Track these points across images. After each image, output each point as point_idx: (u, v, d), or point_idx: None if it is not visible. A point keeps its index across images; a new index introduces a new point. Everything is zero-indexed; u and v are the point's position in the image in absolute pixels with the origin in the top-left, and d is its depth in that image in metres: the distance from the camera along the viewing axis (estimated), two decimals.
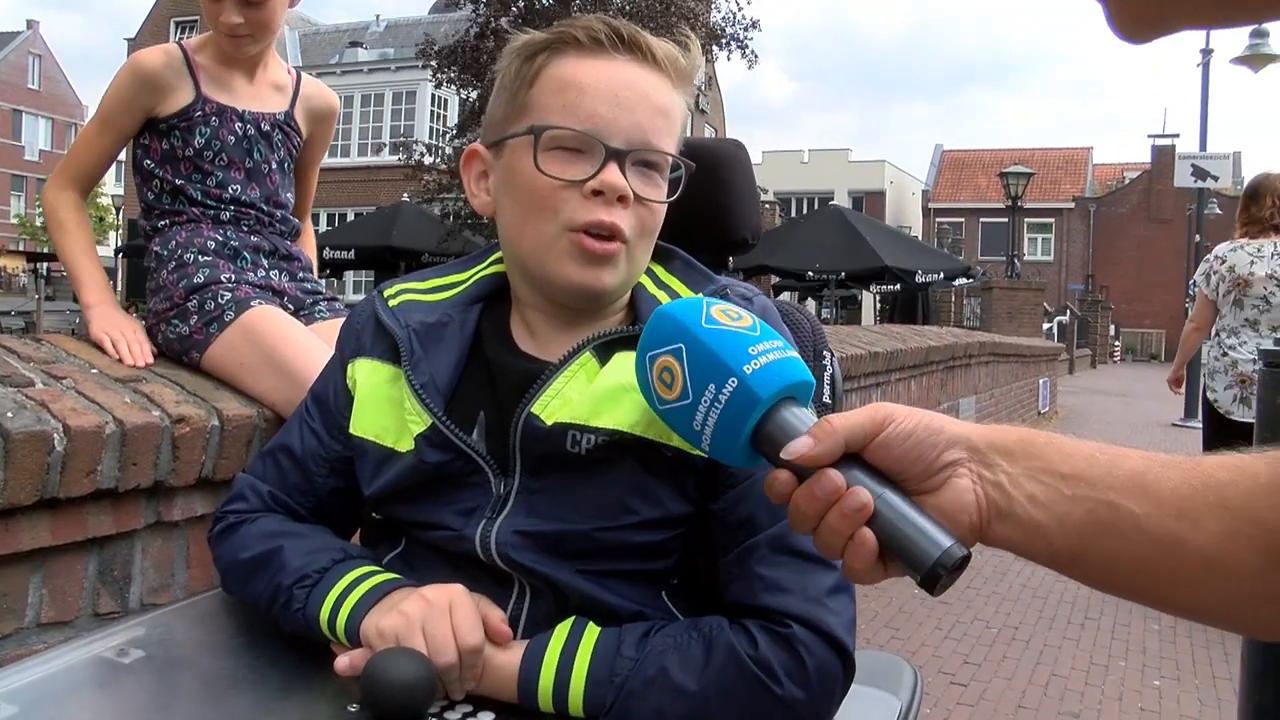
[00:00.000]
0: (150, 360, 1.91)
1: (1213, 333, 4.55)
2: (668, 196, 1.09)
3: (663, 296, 1.10)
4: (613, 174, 1.02)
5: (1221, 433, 4.43)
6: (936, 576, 0.70)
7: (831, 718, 0.96)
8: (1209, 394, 4.57)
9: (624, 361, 1.02)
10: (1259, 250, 4.37)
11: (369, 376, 1.13)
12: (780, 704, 0.92)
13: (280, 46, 2.15)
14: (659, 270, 1.14)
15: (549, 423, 1.01)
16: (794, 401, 0.79)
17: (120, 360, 1.88)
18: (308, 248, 2.30)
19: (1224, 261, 4.50)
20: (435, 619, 0.94)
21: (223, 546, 1.15)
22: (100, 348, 1.90)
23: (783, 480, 0.75)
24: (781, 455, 0.74)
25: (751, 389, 0.77)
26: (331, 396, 1.17)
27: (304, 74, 2.20)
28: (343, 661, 0.96)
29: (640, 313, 1.08)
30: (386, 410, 1.10)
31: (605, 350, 1.05)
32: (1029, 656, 4.05)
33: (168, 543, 1.77)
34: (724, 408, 0.78)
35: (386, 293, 1.16)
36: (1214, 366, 4.53)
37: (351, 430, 1.13)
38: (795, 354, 0.82)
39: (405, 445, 1.07)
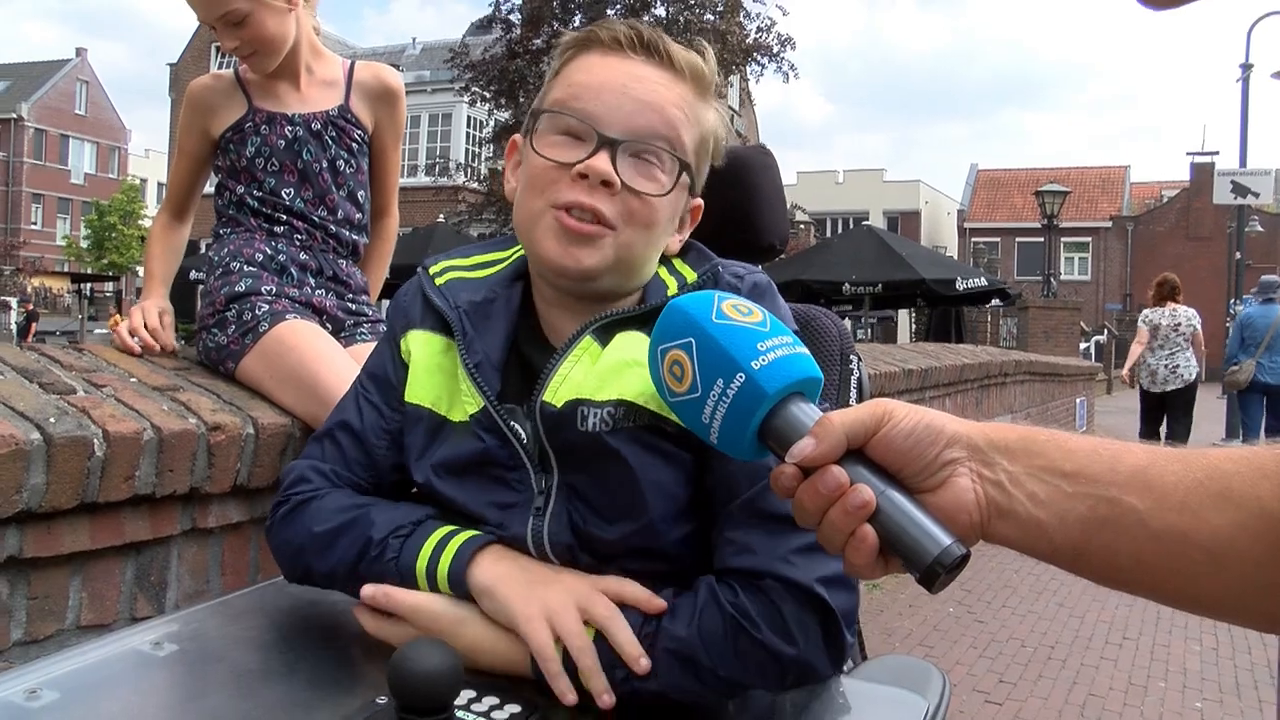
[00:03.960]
0: (165, 344, 2.03)
1: (1147, 350, 8.71)
2: (667, 190, 1.08)
3: (671, 280, 1.12)
4: (600, 160, 1.04)
5: (1146, 400, 8.95)
6: (935, 574, 0.71)
7: (829, 670, 0.97)
8: (1139, 378, 8.94)
9: (624, 340, 1.05)
10: (1162, 313, 8.65)
11: (423, 347, 1.14)
12: (764, 650, 0.93)
13: None
14: (675, 260, 1.16)
15: (559, 404, 1.03)
16: (801, 397, 0.80)
17: (138, 345, 2.00)
18: (388, 237, 2.35)
19: (1148, 318, 8.78)
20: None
21: (292, 527, 1.12)
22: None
23: (788, 475, 0.75)
24: (786, 458, 0.76)
25: (758, 384, 0.78)
26: (389, 369, 1.18)
27: (359, 61, 2.23)
28: (369, 590, 1.02)
29: (649, 297, 1.10)
30: (440, 380, 1.12)
31: (607, 333, 1.07)
32: (1065, 676, 4.00)
33: (203, 549, 1.80)
34: (731, 402, 0.79)
35: (432, 270, 1.18)
36: (1143, 365, 8.74)
37: (406, 398, 1.14)
38: (805, 350, 0.83)
39: (458, 415, 1.09)
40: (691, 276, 1.11)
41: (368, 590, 1.03)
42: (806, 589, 0.95)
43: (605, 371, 1.03)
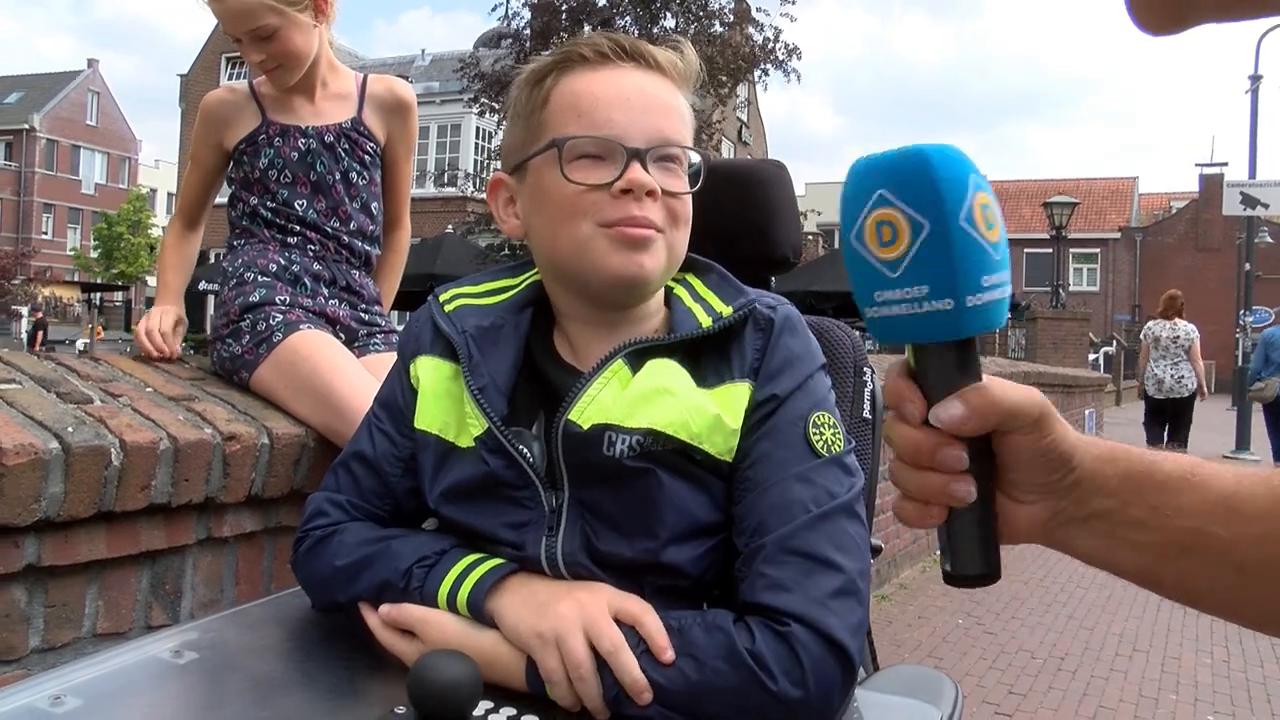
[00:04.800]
0: (172, 351, 2.08)
1: (1149, 361, 9.76)
2: (690, 188, 1.12)
3: (697, 309, 1.12)
4: (637, 172, 1.05)
5: (1150, 404, 9.92)
6: (961, 583, 0.71)
7: (831, 716, 0.95)
8: (1144, 386, 9.87)
9: (657, 368, 1.05)
10: (1163, 326, 9.64)
11: (431, 373, 1.15)
12: (774, 700, 0.92)
13: None
14: (696, 283, 1.16)
15: (586, 426, 1.03)
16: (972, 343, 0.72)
17: (150, 354, 2.05)
18: (400, 249, 2.37)
19: (1150, 330, 9.84)
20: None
21: (316, 561, 1.14)
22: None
23: (914, 414, 0.70)
24: (930, 417, 0.70)
25: (960, 321, 0.67)
26: (399, 396, 1.19)
27: (371, 75, 2.25)
28: (384, 609, 1.04)
29: (675, 324, 1.10)
30: (448, 406, 1.12)
31: (638, 358, 1.07)
32: (1075, 688, 3.99)
33: (217, 559, 1.81)
34: (918, 313, 0.68)
35: (442, 298, 1.19)
36: (1147, 375, 9.75)
37: (415, 424, 1.15)
38: (1008, 294, 0.72)
39: (465, 441, 1.09)
40: (726, 311, 1.10)
41: (384, 610, 1.05)
42: (835, 640, 0.94)
43: (636, 398, 1.03)
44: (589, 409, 1.04)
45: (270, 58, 2.01)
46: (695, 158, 1.12)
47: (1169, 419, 9.81)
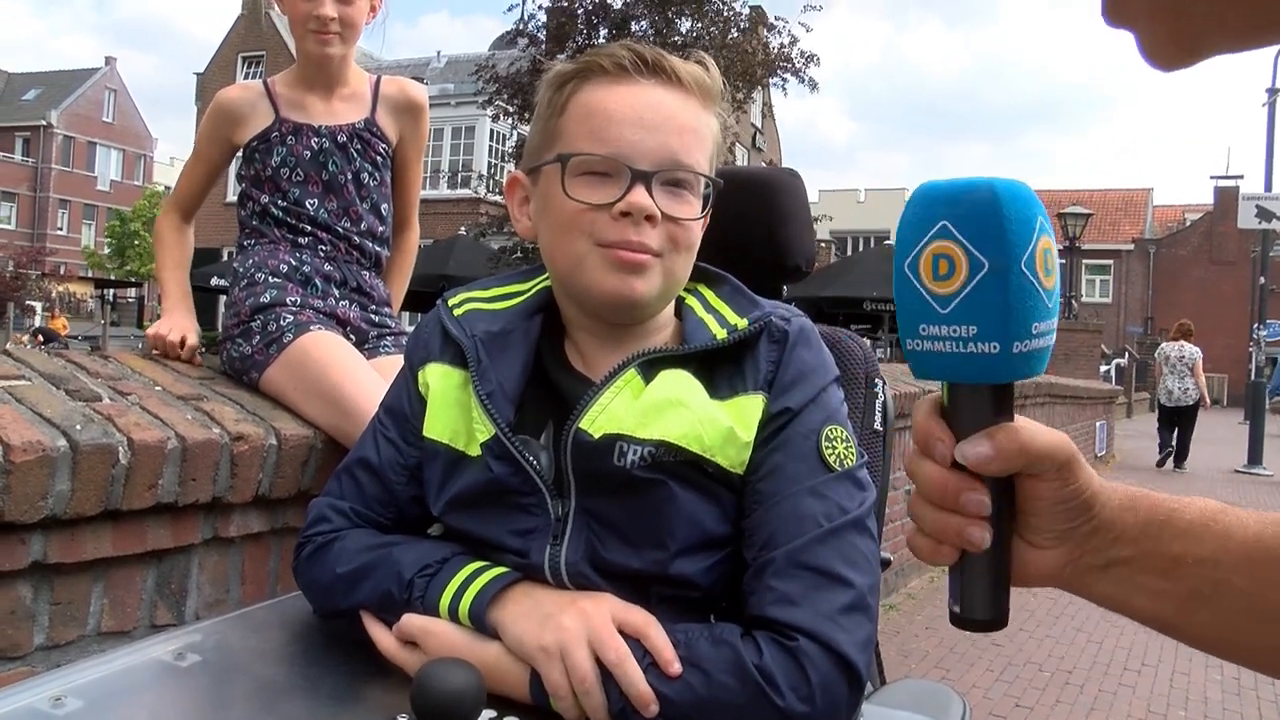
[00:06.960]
0: (190, 357, 2.06)
1: (1161, 376, 12.39)
2: (700, 213, 1.10)
3: (710, 320, 1.11)
4: (639, 195, 1.04)
5: (1162, 412, 12.79)
6: (971, 626, 0.69)
7: None
8: (1157, 396, 12.71)
9: (669, 379, 1.04)
10: (1173, 348, 12.30)
11: (441, 380, 1.13)
12: (781, 716, 0.90)
13: None
14: (708, 294, 1.15)
15: (597, 436, 1.02)
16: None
17: (165, 354, 2.04)
18: (409, 250, 2.37)
19: (1163, 350, 12.50)
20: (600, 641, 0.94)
21: (317, 568, 1.13)
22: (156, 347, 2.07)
23: (944, 453, 0.66)
24: (955, 453, 0.66)
25: (1002, 366, 0.64)
26: (406, 404, 1.18)
27: (385, 76, 2.25)
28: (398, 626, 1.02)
29: (688, 335, 1.09)
30: (457, 414, 1.11)
31: (650, 368, 1.06)
32: (1083, 701, 3.96)
33: (223, 559, 1.81)
34: (961, 353, 0.65)
35: (451, 302, 1.18)
36: (1160, 388, 12.35)
37: (425, 433, 1.13)
38: (1052, 343, 0.69)
39: (474, 450, 1.08)
40: (740, 323, 1.09)
41: (398, 626, 1.03)
42: (844, 656, 0.93)
43: (648, 409, 1.02)
44: (600, 418, 1.03)
45: (340, 19, 2.03)
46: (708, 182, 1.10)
47: (1177, 423, 12.44)
